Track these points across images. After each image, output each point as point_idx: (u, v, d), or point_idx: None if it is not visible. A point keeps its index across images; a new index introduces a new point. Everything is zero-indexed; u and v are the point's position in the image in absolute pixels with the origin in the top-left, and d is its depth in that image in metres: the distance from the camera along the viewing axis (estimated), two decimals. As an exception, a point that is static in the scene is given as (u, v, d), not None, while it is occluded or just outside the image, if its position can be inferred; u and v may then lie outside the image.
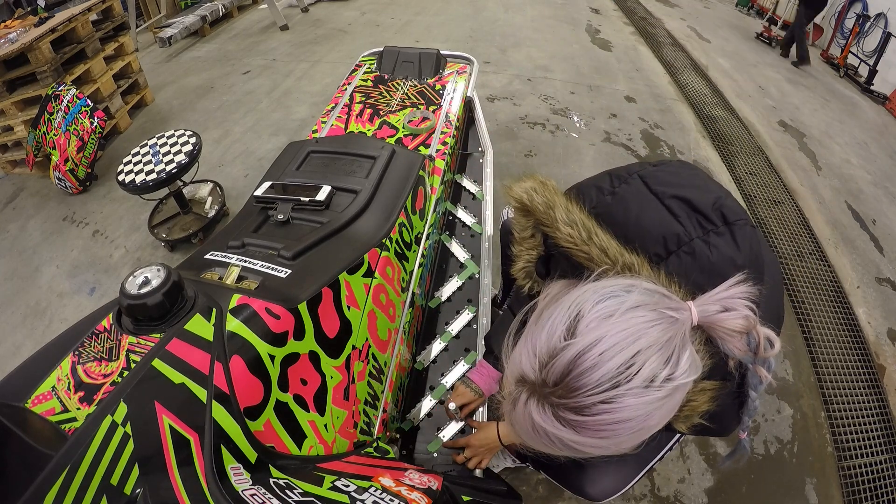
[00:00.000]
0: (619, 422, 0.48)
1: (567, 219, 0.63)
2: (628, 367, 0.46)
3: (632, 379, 0.46)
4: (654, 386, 0.47)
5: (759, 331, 0.52)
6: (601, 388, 0.47)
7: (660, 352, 0.47)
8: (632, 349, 0.47)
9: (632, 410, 0.47)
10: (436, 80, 1.82)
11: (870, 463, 1.55)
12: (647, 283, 0.53)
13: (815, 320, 1.96)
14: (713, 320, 0.51)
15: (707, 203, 0.61)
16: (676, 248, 0.59)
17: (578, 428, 0.49)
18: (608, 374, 0.46)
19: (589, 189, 0.70)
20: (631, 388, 0.46)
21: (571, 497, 1.41)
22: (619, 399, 0.47)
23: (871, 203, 2.68)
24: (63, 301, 2.05)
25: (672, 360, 0.48)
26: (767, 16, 5.55)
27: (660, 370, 0.47)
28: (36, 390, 0.61)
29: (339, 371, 0.85)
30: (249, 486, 0.57)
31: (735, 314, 0.51)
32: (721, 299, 0.52)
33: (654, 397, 0.47)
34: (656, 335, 0.48)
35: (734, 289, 0.53)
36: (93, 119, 2.52)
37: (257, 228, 1.02)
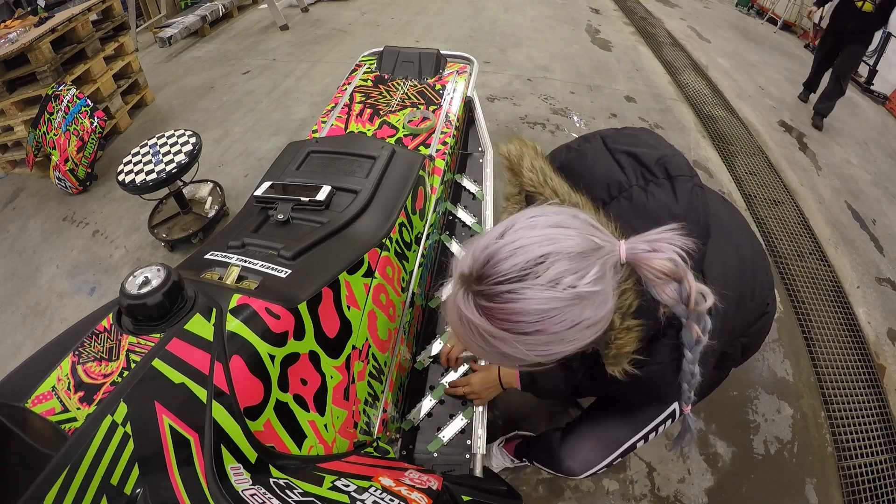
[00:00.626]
0: (521, 313, 0.52)
1: (530, 165, 0.70)
2: (536, 265, 0.51)
3: (539, 277, 0.51)
4: (558, 288, 0.51)
5: (691, 281, 0.54)
6: (508, 277, 0.52)
7: (570, 260, 0.51)
8: (543, 249, 0.52)
9: (532, 303, 0.51)
10: (436, 80, 1.82)
11: (870, 463, 1.55)
12: (583, 214, 0.57)
13: (815, 320, 1.96)
14: (640, 258, 0.54)
15: (652, 158, 0.66)
16: (618, 193, 0.65)
17: (489, 316, 0.54)
18: (517, 266, 0.51)
19: (560, 149, 0.79)
20: (536, 284, 0.51)
21: (571, 497, 1.41)
22: (522, 290, 0.51)
23: (871, 203, 2.68)
24: (63, 301, 2.05)
25: (580, 272, 0.51)
26: (767, 15, 5.55)
27: (565, 276, 0.51)
28: (36, 390, 0.61)
29: (339, 371, 0.85)
30: (249, 486, 0.57)
31: (662, 255, 0.53)
32: (651, 240, 0.54)
33: (555, 296, 0.51)
34: (570, 244, 0.52)
35: (665, 234, 0.55)
36: (93, 119, 2.52)
37: (257, 228, 1.02)
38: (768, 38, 5.12)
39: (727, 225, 0.81)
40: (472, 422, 1.11)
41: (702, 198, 0.65)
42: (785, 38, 5.26)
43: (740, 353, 0.91)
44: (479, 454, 1.06)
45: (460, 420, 1.12)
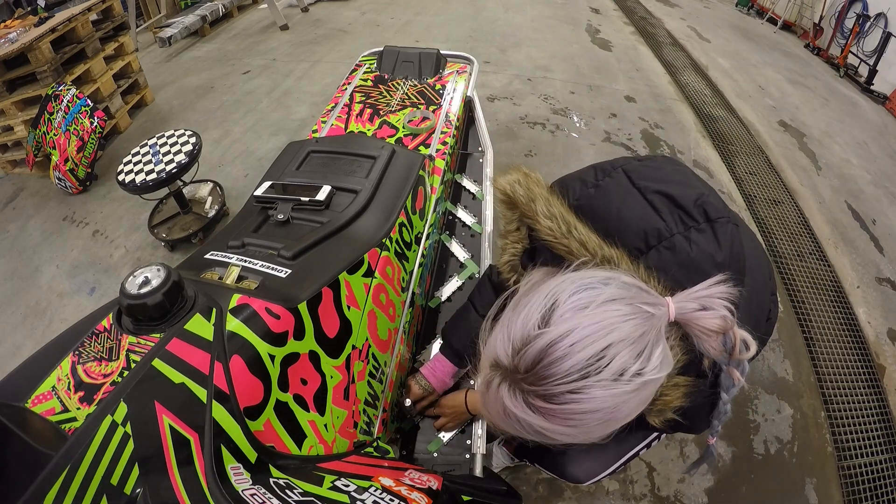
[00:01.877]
0: (586, 412, 0.48)
1: (547, 212, 0.63)
2: (598, 360, 0.47)
3: (601, 371, 0.47)
4: (624, 380, 0.47)
5: (736, 332, 0.52)
6: (570, 378, 0.47)
7: (632, 346, 0.47)
8: (603, 342, 0.47)
9: (599, 402, 0.47)
10: (436, 80, 1.82)
11: (870, 463, 1.55)
12: (625, 277, 0.53)
13: (815, 320, 1.96)
14: (690, 318, 0.52)
15: (690, 199, 0.61)
16: (657, 242, 0.60)
17: (547, 415, 0.50)
18: (578, 365, 0.47)
19: (573, 182, 0.71)
20: (600, 381, 0.47)
21: (571, 497, 1.41)
22: (587, 390, 0.47)
23: (871, 203, 2.68)
24: (63, 301, 2.05)
25: (644, 356, 0.48)
26: (767, 15, 5.54)
27: (630, 364, 0.47)
28: (36, 390, 0.61)
29: (339, 371, 0.85)
30: (249, 485, 0.57)
31: (713, 313, 0.51)
32: (700, 297, 0.52)
33: (622, 390, 0.47)
34: (629, 329, 0.48)
35: (713, 288, 0.53)
36: (93, 119, 2.52)
37: (257, 228, 1.02)
38: (768, 38, 5.12)
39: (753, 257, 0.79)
40: (472, 422, 1.11)
41: (739, 239, 0.62)
42: (785, 38, 5.25)
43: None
44: (479, 454, 1.06)
45: (460, 420, 1.12)
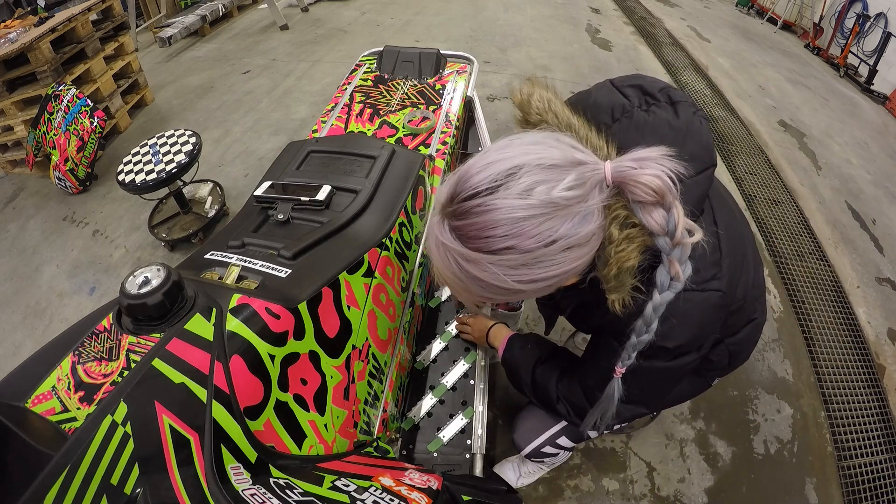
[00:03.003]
0: (491, 225, 0.49)
1: (538, 96, 0.67)
2: (508, 176, 0.49)
3: (509, 188, 0.48)
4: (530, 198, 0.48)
5: (679, 211, 0.50)
6: (478, 191, 0.49)
7: (545, 171, 0.48)
8: (515, 161, 0.49)
9: (502, 213, 0.48)
10: (436, 80, 1.82)
11: (870, 463, 1.55)
12: (567, 137, 0.54)
13: (815, 320, 1.96)
14: (626, 175, 0.50)
15: (656, 87, 0.65)
16: (620, 115, 0.63)
17: (462, 236, 0.51)
18: (488, 178, 0.49)
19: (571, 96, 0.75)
20: (506, 194, 0.48)
21: (571, 497, 1.41)
22: (491, 202, 0.48)
23: (871, 203, 2.68)
24: (63, 301, 2.05)
25: (555, 181, 0.48)
26: (767, 15, 5.54)
27: (538, 185, 0.48)
28: (36, 390, 0.61)
29: (339, 371, 0.85)
30: (249, 485, 0.57)
31: (649, 171, 0.49)
32: (638, 158, 0.51)
33: (524, 203, 0.48)
34: (546, 156, 0.49)
35: (655, 152, 0.51)
36: (93, 119, 2.52)
37: (257, 228, 1.02)
38: (768, 38, 5.12)
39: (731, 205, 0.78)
40: (472, 422, 1.11)
41: (706, 127, 0.63)
42: (785, 38, 5.25)
43: (727, 360, 0.88)
44: (479, 454, 1.06)
45: (460, 420, 1.12)
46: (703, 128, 0.62)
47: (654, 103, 0.63)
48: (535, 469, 1.39)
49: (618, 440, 1.54)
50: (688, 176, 0.52)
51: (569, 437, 1.01)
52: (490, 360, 1.23)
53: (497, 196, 0.49)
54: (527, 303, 1.78)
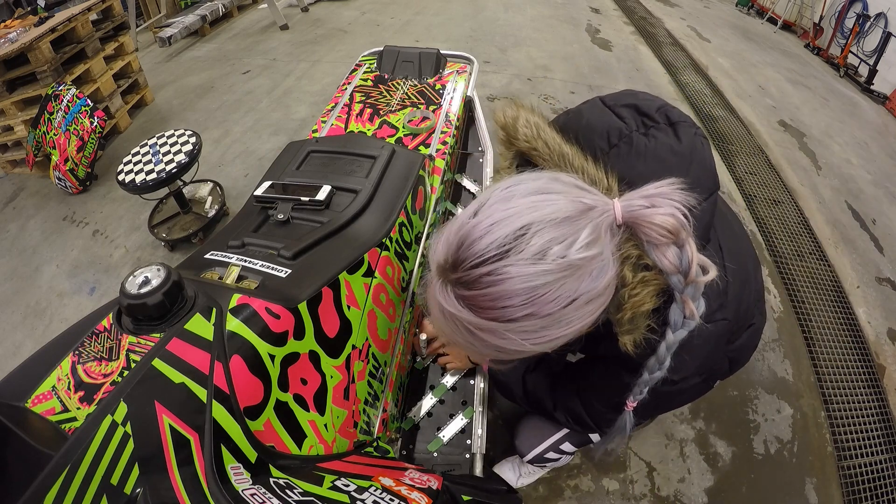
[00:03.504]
0: (506, 296, 0.45)
1: (525, 121, 0.64)
2: (517, 238, 0.45)
3: (521, 251, 0.44)
4: (545, 261, 0.44)
5: (692, 248, 0.48)
6: (486, 258, 0.45)
7: (556, 227, 0.45)
8: (522, 220, 0.45)
9: (517, 283, 0.44)
10: (436, 80, 1.82)
11: (870, 463, 1.55)
12: (566, 176, 0.51)
13: (815, 320, 1.96)
14: (638, 215, 0.47)
15: (653, 107, 0.62)
16: (617, 140, 0.59)
17: (472, 307, 0.48)
18: (495, 243, 0.45)
19: (559, 115, 0.75)
20: (518, 260, 0.44)
21: (571, 497, 1.41)
22: (503, 270, 0.44)
23: (871, 203, 2.68)
24: (63, 301, 2.05)
25: (570, 238, 0.45)
26: (767, 15, 5.54)
27: (552, 245, 0.44)
28: (36, 390, 0.61)
29: (339, 371, 0.85)
30: (249, 485, 0.57)
31: (662, 210, 0.47)
32: (648, 195, 0.48)
33: (542, 269, 0.44)
34: (554, 209, 0.45)
35: (665, 187, 0.48)
36: (93, 119, 2.52)
37: (257, 228, 1.02)
38: (768, 38, 5.12)
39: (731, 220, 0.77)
40: (472, 422, 1.11)
41: (707, 148, 0.60)
42: (785, 38, 5.25)
43: (727, 366, 0.87)
44: (479, 454, 1.06)
45: (460, 420, 1.12)
46: (706, 150, 0.60)
47: (653, 125, 0.60)
48: (535, 469, 1.39)
49: (618, 440, 1.54)
50: (698, 207, 0.49)
51: (572, 442, 1.01)
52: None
53: (509, 262, 0.45)
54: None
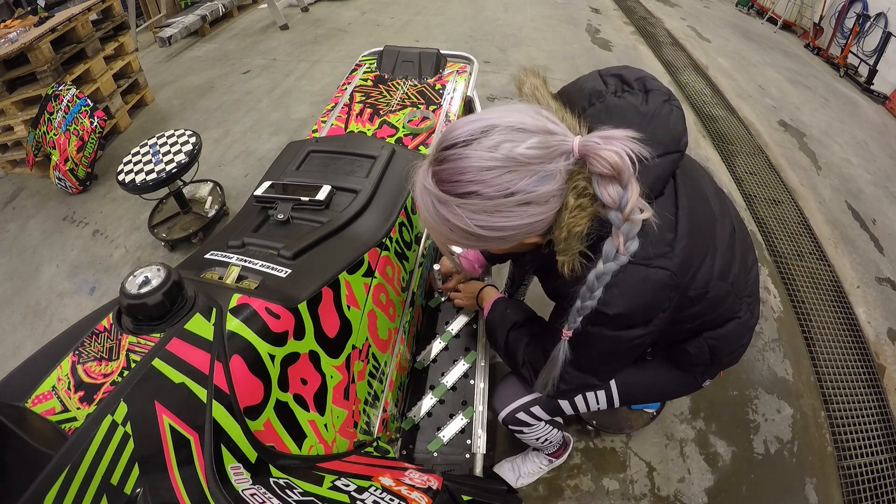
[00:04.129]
0: (461, 171, 0.57)
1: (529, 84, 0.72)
2: (482, 132, 0.57)
3: (481, 142, 0.56)
4: (495, 152, 0.56)
5: (634, 190, 0.55)
6: (455, 143, 0.58)
7: (513, 132, 0.56)
8: (491, 122, 0.57)
9: (470, 161, 0.56)
10: (436, 80, 1.82)
11: (870, 463, 1.55)
12: (546, 111, 0.61)
13: (815, 320, 1.96)
14: (590, 147, 0.55)
15: (633, 76, 0.70)
16: (595, 100, 0.69)
17: (438, 180, 0.59)
18: (465, 132, 0.57)
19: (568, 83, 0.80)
20: (477, 147, 0.56)
21: (571, 497, 1.41)
22: (465, 152, 0.57)
23: (871, 203, 2.68)
24: (63, 301, 2.05)
25: (519, 141, 0.55)
26: (767, 15, 5.54)
27: (504, 143, 0.56)
28: (36, 390, 0.61)
29: (339, 370, 0.85)
30: (249, 485, 0.57)
31: (611, 147, 0.54)
32: (605, 135, 0.56)
33: (489, 156, 0.56)
34: (517, 119, 0.57)
35: (622, 133, 0.56)
36: (93, 119, 2.52)
37: (257, 228, 1.02)
38: (768, 38, 5.12)
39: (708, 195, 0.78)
40: (472, 422, 1.11)
41: (676, 115, 0.67)
42: (785, 38, 5.24)
43: (707, 356, 0.88)
44: (480, 454, 1.06)
45: (460, 420, 1.12)
46: (673, 115, 0.66)
47: (628, 90, 0.68)
48: (534, 469, 1.39)
49: (618, 440, 1.54)
50: (649, 158, 0.55)
51: (543, 408, 1.02)
52: (490, 359, 1.23)
53: (470, 148, 0.57)
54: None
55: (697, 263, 0.70)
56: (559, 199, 0.59)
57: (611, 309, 0.65)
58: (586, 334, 0.68)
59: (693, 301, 0.73)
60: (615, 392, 0.99)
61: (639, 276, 0.64)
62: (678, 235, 0.66)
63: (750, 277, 0.85)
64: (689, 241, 0.67)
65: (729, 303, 0.80)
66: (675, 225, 0.66)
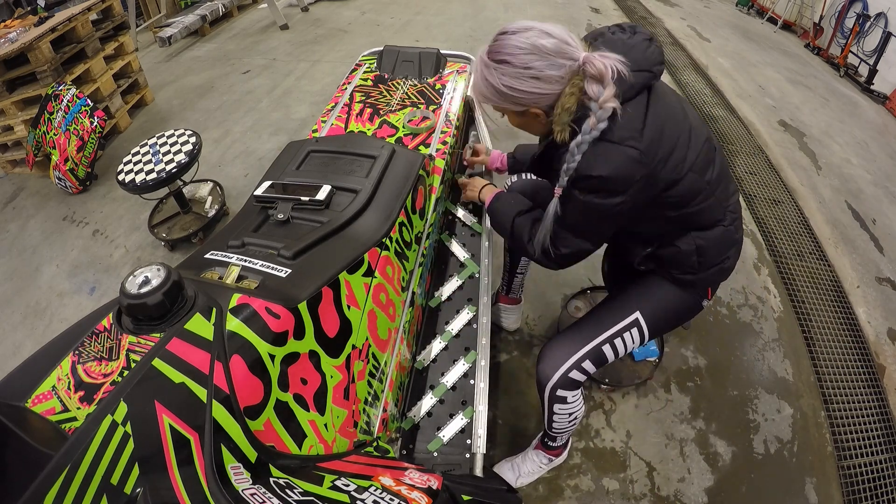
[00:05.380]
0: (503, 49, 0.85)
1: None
2: (525, 30, 0.85)
3: (521, 35, 0.84)
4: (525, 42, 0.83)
5: (609, 91, 0.80)
6: (506, 31, 0.86)
7: (541, 35, 0.83)
8: (533, 26, 0.85)
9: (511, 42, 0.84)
10: (436, 80, 1.82)
11: (870, 463, 1.55)
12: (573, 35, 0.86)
13: (815, 320, 1.96)
14: (589, 58, 0.81)
15: (628, 25, 0.92)
16: (599, 37, 0.92)
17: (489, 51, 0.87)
18: (513, 27, 0.86)
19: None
20: (517, 37, 0.84)
21: (571, 496, 1.41)
22: (508, 38, 0.85)
23: (871, 203, 2.68)
24: (63, 301, 2.05)
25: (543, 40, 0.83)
26: (767, 15, 5.54)
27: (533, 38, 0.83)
28: (36, 390, 0.61)
29: (339, 370, 0.85)
30: (249, 485, 0.57)
31: (601, 61, 0.80)
32: (603, 54, 0.82)
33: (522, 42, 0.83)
34: (548, 29, 0.84)
35: (614, 56, 0.81)
36: (93, 118, 2.52)
37: (257, 228, 1.02)
38: (768, 38, 5.12)
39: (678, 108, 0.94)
40: (472, 422, 1.11)
41: (653, 49, 0.87)
42: (785, 38, 5.24)
43: (696, 256, 1.01)
44: (480, 454, 1.06)
45: (460, 419, 1.12)
46: (650, 49, 0.88)
47: (621, 31, 0.91)
48: (534, 469, 1.39)
49: (618, 440, 1.54)
50: (626, 75, 0.81)
51: (592, 360, 1.09)
52: (490, 360, 1.23)
53: (514, 35, 0.84)
54: (526, 300, 1.79)
55: (665, 152, 0.88)
56: (560, 85, 0.84)
57: (594, 171, 0.85)
58: (577, 201, 0.90)
59: (669, 185, 0.91)
60: (644, 326, 1.10)
61: (614, 150, 0.84)
62: (646, 126, 0.86)
63: (731, 193, 1.03)
64: (654, 132, 0.86)
65: (710, 204, 0.97)
66: (644, 120, 0.86)
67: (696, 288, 1.09)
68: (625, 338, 1.10)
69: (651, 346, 1.73)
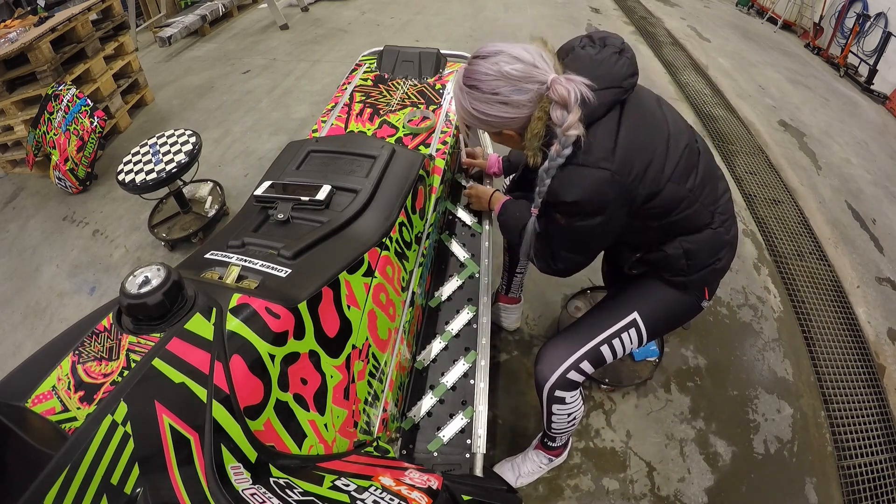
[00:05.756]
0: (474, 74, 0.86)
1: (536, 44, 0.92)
2: (496, 55, 0.85)
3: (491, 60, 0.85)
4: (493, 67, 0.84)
5: (573, 116, 0.80)
6: (479, 55, 0.87)
7: (511, 59, 0.83)
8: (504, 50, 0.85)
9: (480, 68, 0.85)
10: (436, 80, 1.82)
11: (870, 463, 1.55)
12: (546, 55, 0.86)
13: (815, 320, 1.96)
14: (555, 82, 0.81)
15: (598, 35, 0.91)
16: (570, 52, 0.91)
17: (463, 76, 0.88)
18: (484, 52, 0.87)
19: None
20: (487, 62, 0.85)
21: (571, 496, 1.41)
22: (480, 62, 0.86)
23: (871, 203, 2.68)
24: (63, 301, 2.05)
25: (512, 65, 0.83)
26: (767, 15, 5.54)
27: (502, 64, 0.83)
28: (36, 390, 0.61)
29: (339, 370, 0.85)
30: (249, 485, 0.57)
31: (566, 87, 0.80)
32: (569, 78, 0.81)
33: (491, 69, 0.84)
34: (518, 53, 0.84)
35: (580, 80, 0.81)
36: (93, 118, 2.52)
37: (257, 228, 1.02)
38: (768, 38, 5.12)
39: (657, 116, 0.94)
40: (472, 422, 1.11)
41: (623, 62, 0.86)
42: (785, 38, 5.24)
43: (683, 259, 1.01)
44: (480, 454, 1.06)
45: (460, 420, 1.12)
46: (620, 62, 0.86)
47: (590, 45, 0.90)
48: (534, 469, 1.39)
49: (618, 440, 1.54)
50: (591, 99, 0.80)
51: (589, 360, 1.10)
52: (490, 359, 1.23)
53: (484, 60, 0.85)
54: (526, 301, 1.79)
55: (640, 168, 0.88)
56: (529, 110, 0.85)
57: (568, 197, 0.86)
58: (561, 224, 0.93)
59: (648, 198, 0.91)
60: (643, 327, 1.10)
61: (585, 173, 0.85)
62: (617, 146, 0.86)
63: (719, 195, 1.02)
64: (627, 150, 0.86)
65: (695, 209, 0.96)
66: (615, 139, 0.86)
67: (690, 289, 1.09)
68: (623, 338, 1.10)
69: (651, 346, 1.73)
